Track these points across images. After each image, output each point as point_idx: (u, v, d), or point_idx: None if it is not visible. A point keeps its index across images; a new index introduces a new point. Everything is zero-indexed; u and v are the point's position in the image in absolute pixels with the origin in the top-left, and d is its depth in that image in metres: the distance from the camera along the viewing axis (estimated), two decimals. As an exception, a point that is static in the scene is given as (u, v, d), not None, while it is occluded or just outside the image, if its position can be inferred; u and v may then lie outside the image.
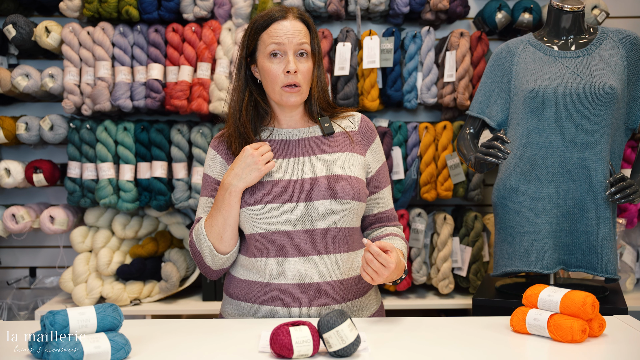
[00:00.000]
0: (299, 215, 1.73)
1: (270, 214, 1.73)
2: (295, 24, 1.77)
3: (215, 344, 1.55)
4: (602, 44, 2.38)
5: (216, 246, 1.76)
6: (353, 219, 1.79)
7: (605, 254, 2.34)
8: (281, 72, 1.75)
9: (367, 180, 1.85)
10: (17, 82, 3.01)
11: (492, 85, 2.49)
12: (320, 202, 1.73)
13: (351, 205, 1.75)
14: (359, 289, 1.82)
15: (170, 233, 3.16)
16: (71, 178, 3.04)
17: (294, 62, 1.74)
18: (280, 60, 1.76)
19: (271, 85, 1.77)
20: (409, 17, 3.19)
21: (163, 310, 2.97)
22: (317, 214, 1.73)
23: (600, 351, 1.51)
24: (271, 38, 1.75)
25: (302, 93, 1.78)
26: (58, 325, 1.36)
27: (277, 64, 1.75)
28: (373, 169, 1.85)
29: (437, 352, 1.49)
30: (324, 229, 1.74)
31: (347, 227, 1.77)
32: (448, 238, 3.02)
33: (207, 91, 2.98)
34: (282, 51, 1.75)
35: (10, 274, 3.40)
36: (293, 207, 1.73)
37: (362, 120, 1.88)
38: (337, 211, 1.74)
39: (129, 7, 2.96)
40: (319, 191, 1.74)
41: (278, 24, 1.75)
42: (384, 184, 1.88)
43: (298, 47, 1.76)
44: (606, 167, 2.33)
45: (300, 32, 1.76)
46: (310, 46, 1.79)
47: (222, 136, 1.87)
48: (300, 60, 1.76)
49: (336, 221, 1.75)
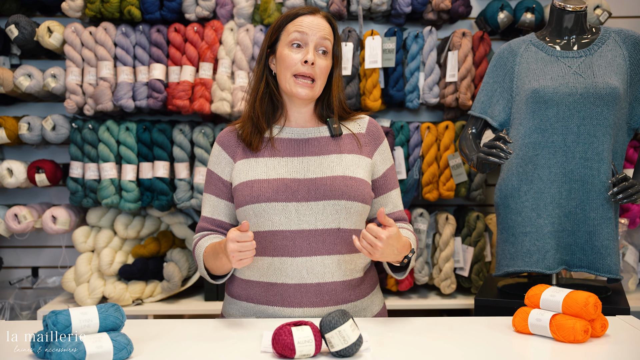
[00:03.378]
0: (302, 215, 1.73)
1: (274, 212, 1.73)
2: (321, 21, 1.80)
3: (217, 344, 1.55)
4: (605, 43, 2.38)
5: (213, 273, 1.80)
6: (357, 220, 1.79)
7: (607, 254, 2.34)
8: (298, 61, 1.76)
9: (374, 182, 1.85)
10: (19, 82, 3.01)
11: (494, 85, 2.49)
12: (325, 202, 1.73)
13: (355, 206, 1.76)
14: (361, 290, 1.82)
15: (172, 233, 3.16)
16: (73, 178, 3.04)
17: (313, 53, 1.76)
18: (300, 50, 1.78)
19: (284, 72, 1.78)
20: (411, 17, 3.19)
21: (165, 310, 2.98)
22: (321, 214, 1.73)
23: (603, 351, 1.50)
24: (295, 27, 1.78)
25: (314, 88, 1.79)
26: (60, 325, 1.36)
27: (296, 54, 1.78)
28: (380, 171, 1.86)
29: (439, 352, 1.49)
30: (328, 229, 1.74)
31: (350, 229, 1.77)
32: (450, 238, 3.02)
33: (209, 91, 2.98)
34: (304, 42, 1.77)
35: (12, 274, 3.40)
36: (297, 207, 1.73)
37: (370, 123, 1.89)
38: (341, 212, 1.74)
39: (131, 7, 2.96)
40: (324, 191, 1.74)
41: (305, 17, 1.79)
42: (392, 186, 1.88)
43: (320, 41, 1.78)
44: (608, 167, 2.33)
45: (325, 29, 1.79)
46: (332, 46, 1.82)
47: (233, 129, 1.88)
48: (320, 56, 1.79)
49: (340, 222, 1.75)
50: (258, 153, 1.81)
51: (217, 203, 1.85)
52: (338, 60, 1.85)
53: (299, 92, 1.77)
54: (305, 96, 1.78)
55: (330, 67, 1.82)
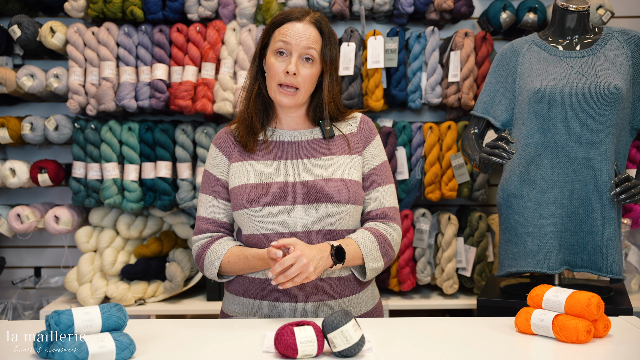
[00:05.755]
0: (295, 217, 1.76)
1: (268, 216, 1.77)
2: (307, 27, 1.79)
3: (219, 344, 1.55)
4: (607, 43, 2.37)
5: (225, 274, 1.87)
6: (349, 221, 1.82)
7: (610, 255, 2.33)
8: (281, 71, 1.78)
9: (362, 177, 1.85)
10: (22, 82, 3.02)
11: (496, 85, 2.49)
12: (317, 205, 1.76)
13: (347, 209, 1.78)
14: (355, 285, 1.85)
15: (174, 233, 3.16)
16: (76, 178, 3.04)
17: (295, 64, 1.77)
18: (285, 59, 1.79)
19: (270, 82, 1.81)
20: (413, 17, 3.18)
21: (167, 310, 2.98)
22: (313, 217, 1.76)
23: (605, 352, 1.50)
24: (281, 36, 1.79)
25: (297, 96, 1.80)
26: (63, 325, 1.36)
27: (280, 62, 1.79)
28: (368, 167, 1.87)
29: (442, 353, 1.49)
30: (320, 230, 1.77)
31: (343, 229, 1.81)
32: (452, 238, 3.02)
33: (212, 91, 2.98)
34: (288, 51, 1.78)
35: (15, 274, 3.41)
36: (290, 210, 1.76)
37: (362, 121, 1.91)
38: (333, 214, 1.77)
39: (134, 8, 2.96)
40: (316, 194, 1.77)
41: (291, 24, 1.79)
42: (379, 183, 1.86)
43: (304, 50, 1.78)
44: (611, 167, 2.32)
45: (310, 37, 1.79)
46: (319, 53, 1.81)
47: (229, 130, 1.91)
48: (304, 64, 1.79)
49: (332, 224, 1.78)
50: (252, 155, 1.84)
51: (216, 204, 1.87)
52: (328, 64, 1.83)
53: (282, 100, 1.80)
54: (288, 104, 1.81)
55: (317, 74, 1.82)
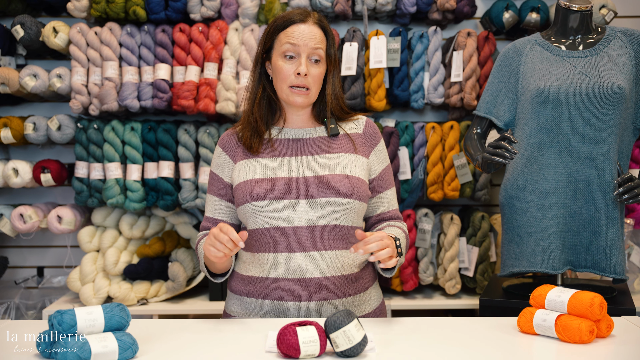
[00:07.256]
0: (300, 211, 1.77)
1: (273, 209, 1.78)
2: (312, 29, 1.82)
3: (222, 344, 1.56)
4: (610, 43, 2.37)
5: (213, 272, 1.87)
6: (354, 217, 1.82)
7: (613, 255, 2.33)
8: (292, 73, 1.80)
9: (371, 181, 1.90)
10: (25, 82, 3.02)
11: (499, 85, 2.48)
12: (322, 199, 1.77)
13: (352, 204, 1.79)
14: (359, 285, 1.85)
15: (177, 233, 3.17)
16: (79, 178, 3.05)
17: (305, 65, 1.80)
18: (293, 62, 1.81)
19: (280, 84, 1.83)
20: (416, 16, 3.18)
21: (170, 310, 2.98)
22: (318, 211, 1.77)
23: (608, 352, 1.50)
24: (287, 38, 1.80)
25: (309, 96, 1.83)
26: (66, 324, 1.36)
27: (290, 65, 1.81)
28: (376, 171, 1.90)
29: (444, 353, 1.49)
30: (325, 225, 1.78)
31: (347, 225, 1.81)
32: (455, 238, 3.02)
33: (214, 91, 2.98)
34: (296, 53, 1.80)
35: (18, 274, 3.41)
36: (295, 204, 1.77)
37: (367, 124, 1.94)
38: (338, 209, 1.78)
39: (137, 8, 2.97)
40: (321, 189, 1.78)
41: (296, 27, 1.81)
42: (388, 186, 1.92)
43: (312, 51, 1.81)
44: (614, 167, 2.32)
45: (316, 38, 1.81)
46: (325, 52, 1.84)
47: (234, 131, 1.93)
48: (312, 65, 1.82)
49: (337, 219, 1.79)
50: (258, 154, 1.86)
51: (219, 204, 1.89)
52: (332, 61, 1.87)
53: (296, 101, 1.82)
54: (302, 103, 1.83)
55: (324, 72, 1.86)
